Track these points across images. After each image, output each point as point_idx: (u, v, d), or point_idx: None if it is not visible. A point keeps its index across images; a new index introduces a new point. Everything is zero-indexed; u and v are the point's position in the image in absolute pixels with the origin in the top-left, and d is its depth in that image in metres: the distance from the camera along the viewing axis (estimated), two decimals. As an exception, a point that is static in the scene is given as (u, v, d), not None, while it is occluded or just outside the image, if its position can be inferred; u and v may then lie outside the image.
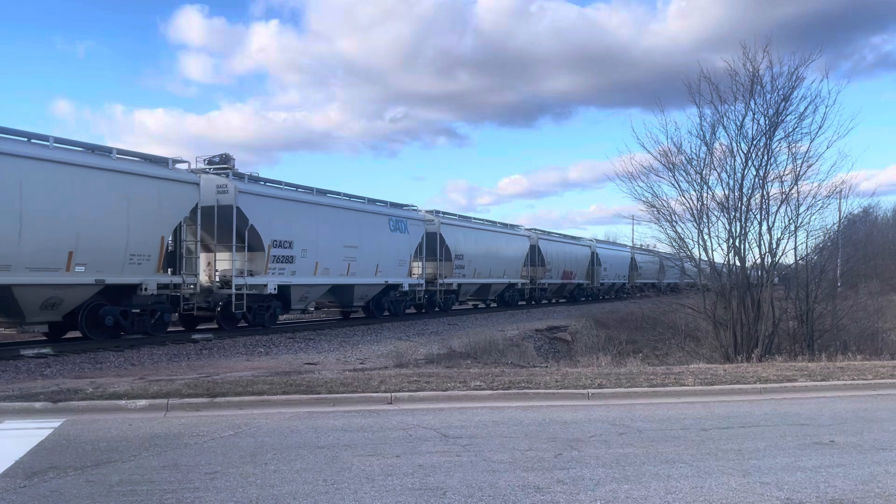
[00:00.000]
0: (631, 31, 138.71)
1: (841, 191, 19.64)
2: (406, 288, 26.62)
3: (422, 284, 27.62)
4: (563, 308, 37.85)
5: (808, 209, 18.95)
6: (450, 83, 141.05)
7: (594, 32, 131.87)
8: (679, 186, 19.43)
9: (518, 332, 23.03)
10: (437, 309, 29.75)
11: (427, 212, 28.95)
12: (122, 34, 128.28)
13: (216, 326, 19.86)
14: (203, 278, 18.94)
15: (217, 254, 19.45)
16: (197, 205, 17.67)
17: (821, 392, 10.44)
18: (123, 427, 7.72)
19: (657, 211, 19.85)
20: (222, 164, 20.12)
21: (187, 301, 17.79)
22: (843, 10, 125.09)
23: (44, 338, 16.56)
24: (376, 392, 9.45)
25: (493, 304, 35.90)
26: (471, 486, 5.56)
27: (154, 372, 12.43)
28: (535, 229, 39.34)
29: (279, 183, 21.22)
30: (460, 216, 32.20)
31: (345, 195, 23.80)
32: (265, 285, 19.49)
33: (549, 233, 41.89)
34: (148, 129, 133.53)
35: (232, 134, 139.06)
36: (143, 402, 8.70)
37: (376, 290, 25.12)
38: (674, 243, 20.21)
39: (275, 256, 19.79)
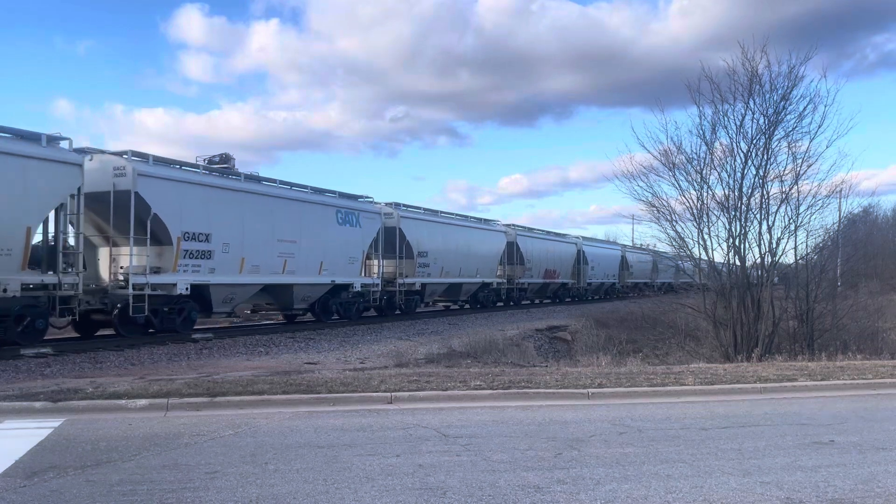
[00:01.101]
0: (632, 30, 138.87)
1: (841, 190, 19.64)
2: (358, 288, 23.93)
3: (377, 284, 25.10)
4: (551, 308, 36.76)
5: (808, 209, 18.96)
6: (450, 82, 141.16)
7: (595, 31, 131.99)
8: (679, 186, 19.45)
9: (518, 331, 23.05)
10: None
11: (386, 204, 26.51)
12: (123, 33, 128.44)
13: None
14: (105, 276, 16.78)
15: (118, 248, 16.76)
16: (79, 189, 14.98)
17: (821, 391, 10.44)
18: (123, 427, 7.72)
19: (657, 211, 19.85)
20: (222, 163, 20.04)
21: (66, 304, 14.90)
22: (845, 10, 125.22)
23: None
24: (376, 392, 9.45)
25: (466, 306, 33.53)
26: (471, 485, 5.56)
27: (154, 371, 12.43)
28: (514, 225, 37.20)
29: (195, 167, 18.67)
30: (425, 209, 29.40)
31: (282, 183, 21.14)
32: (174, 284, 16.87)
33: (529, 229, 39.48)
34: (148, 129, 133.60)
35: (232, 133, 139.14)
36: (143, 402, 8.70)
37: (322, 291, 22.50)
38: (674, 243, 20.21)
39: (187, 251, 17.19)
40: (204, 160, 19.95)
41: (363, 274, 24.68)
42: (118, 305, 16.42)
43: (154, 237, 16.54)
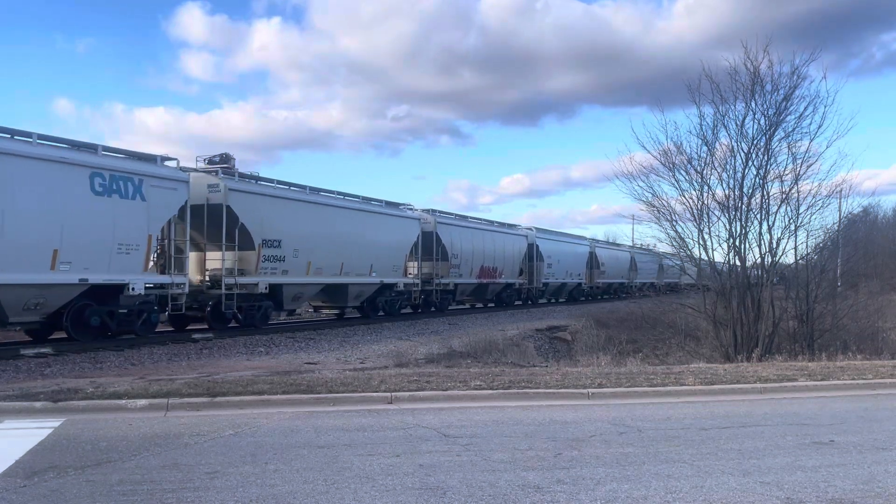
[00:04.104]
0: (636, 28, 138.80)
1: (841, 190, 19.63)
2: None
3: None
4: (562, 308, 37.64)
5: (808, 209, 18.97)
6: (453, 81, 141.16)
7: (599, 30, 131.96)
8: (679, 186, 19.45)
9: (518, 331, 23.03)
10: (433, 309, 29.53)
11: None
12: (123, 32, 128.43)
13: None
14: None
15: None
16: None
17: (821, 392, 10.44)
18: (123, 427, 7.72)
19: (657, 211, 19.86)
20: (223, 163, 20.04)
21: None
22: (851, 8, 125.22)
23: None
24: (376, 392, 9.45)
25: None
26: (471, 485, 5.56)
27: (154, 371, 12.43)
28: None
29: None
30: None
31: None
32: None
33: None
34: (148, 128, 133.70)
35: (233, 133, 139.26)
36: (143, 402, 8.71)
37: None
38: (674, 243, 20.23)
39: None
40: (204, 160, 20.01)
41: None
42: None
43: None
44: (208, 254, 19.09)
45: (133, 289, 15.70)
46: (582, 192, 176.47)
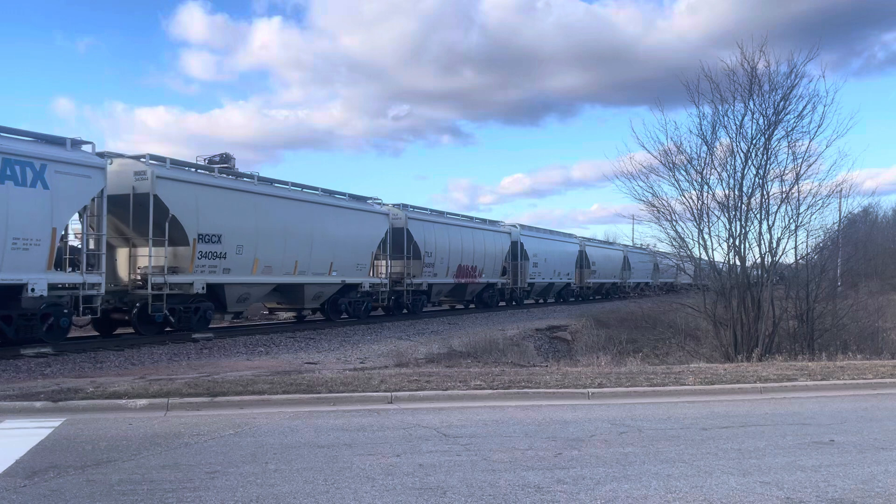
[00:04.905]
0: (638, 27, 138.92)
1: (841, 190, 19.64)
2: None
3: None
4: (551, 309, 36.72)
5: (808, 208, 18.96)
6: (454, 80, 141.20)
7: (601, 29, 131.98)
8: (679, 186, 19.45)
9: (518, 331, 23.06)
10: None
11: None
12: (124, 31, 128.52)
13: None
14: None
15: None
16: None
17: (821, 391, 10.45)
18: (124, 426, 7.72)
19: (657, 211, 19.86)
20: (223, 163, 20.05)
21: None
22: (854, 8, 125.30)
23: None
24: (376, 391, 9.46)
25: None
26: (471, 485, 5.56)
27: (154, 371, 12.44)
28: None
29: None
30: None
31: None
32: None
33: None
34: (149, 128, 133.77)
35: (234, 132, 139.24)
36: (143, 402, 8.71)
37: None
38: (674, 243, 20.22)
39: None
40: (204, 160, 20.00)
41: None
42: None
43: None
44: (140, 250, 17.02)
45: (33, 290, 13.76)
46: (583, 191, 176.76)
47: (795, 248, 19.85)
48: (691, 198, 19.27)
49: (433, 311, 30.96)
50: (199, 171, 18.56)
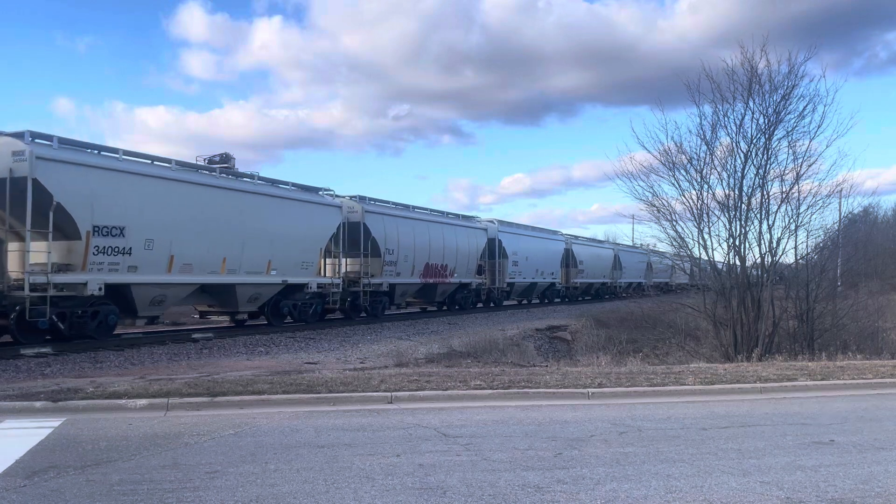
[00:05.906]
0: (640, 27, 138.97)
1: (842, 190, 19.63)
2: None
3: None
4: (546, 309, 35.96)
5: (808, 208, 18.95)
6: (455, 80, 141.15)
7: (602, 29, 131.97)
8: (679, 186, 19.43)
9: (518, 331, 23.07)
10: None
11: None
12: (124, 31, 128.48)
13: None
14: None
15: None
16: None
17: (821, 391, 10.45)
18: (124, 426, 7.72)
19: (657, 210, 19.84)
20: (222, 162, 20.06)
21: None
22: (856, 7, 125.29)
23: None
24: (376, 391, 9.46)
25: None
26: (471, 485, 5.56)
27: (154, 371, 12.44)
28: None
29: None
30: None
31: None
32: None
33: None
34: (149, 127, 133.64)
35: (234, 132, 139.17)
36: (143, 402, 8.71)
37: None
38: (674, 243, 20.21)
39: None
40: (204, 160, 20.00)
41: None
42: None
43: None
44: (32, 244, 14.33)
45: None
46: (583, 191, 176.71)
47: (795, 248, 19.87)
48: (691, 197, 19.28)
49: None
50: (101, 153, 15.86)
